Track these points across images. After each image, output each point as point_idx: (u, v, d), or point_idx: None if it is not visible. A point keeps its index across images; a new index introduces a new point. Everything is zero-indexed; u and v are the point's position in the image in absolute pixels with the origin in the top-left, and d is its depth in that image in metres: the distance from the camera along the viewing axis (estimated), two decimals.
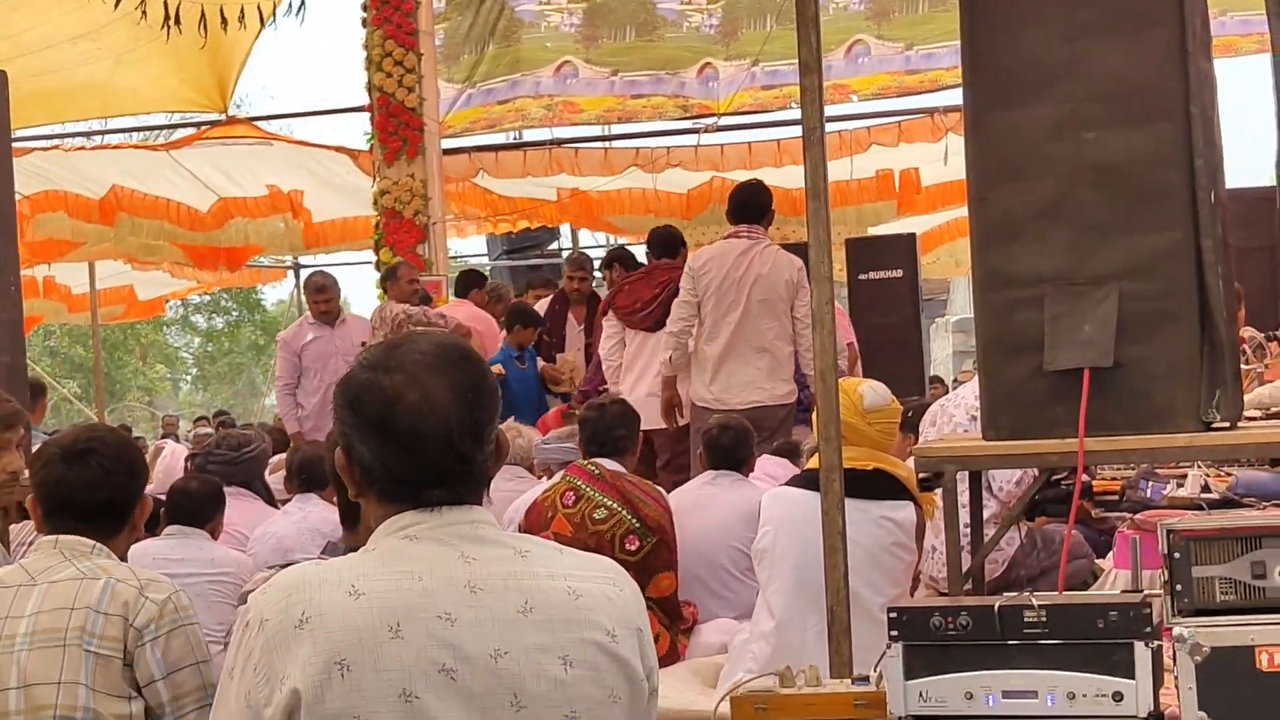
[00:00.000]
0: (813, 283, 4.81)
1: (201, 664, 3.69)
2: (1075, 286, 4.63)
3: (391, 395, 2.42)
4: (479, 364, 2.51)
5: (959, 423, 6.72)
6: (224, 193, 15.80)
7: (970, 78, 4.85)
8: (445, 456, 2.42)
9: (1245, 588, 3.78)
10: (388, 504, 2.46)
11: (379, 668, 2.28)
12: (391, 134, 13.03)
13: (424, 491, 2.44)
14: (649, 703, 2.50)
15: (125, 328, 35.51)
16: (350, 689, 2.27)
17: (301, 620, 2.30)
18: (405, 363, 2.45)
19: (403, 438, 2.42)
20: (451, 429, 2.42)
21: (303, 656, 2.28)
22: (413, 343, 2.52)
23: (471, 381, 2.46)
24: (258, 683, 2.29)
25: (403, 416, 2.42)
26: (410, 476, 2.43)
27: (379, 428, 2.43)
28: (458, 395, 2.43)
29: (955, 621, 3.85)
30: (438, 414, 2.42)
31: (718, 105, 14.11)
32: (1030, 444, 4.68)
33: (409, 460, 2.43)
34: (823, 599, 4.83)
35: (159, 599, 3.68)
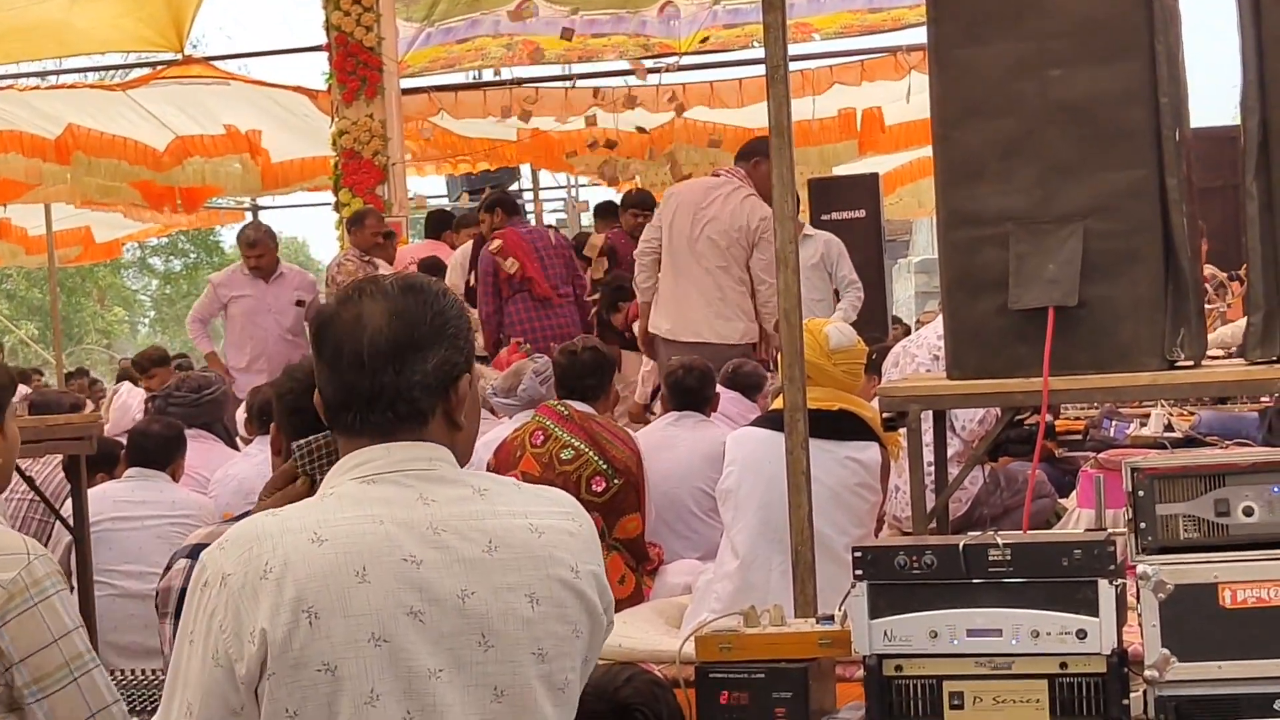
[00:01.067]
0: (776, 222, 4.78)
1: (62, 639, 3.34)
2: (1040, 225, 4.61)
3: (329, 316, 2.45)
4: (427, 292, 2.47)
5: (921, 363, 6.73)
6: (181, 132, 15.66)
7: (934, 14, 4.81)
8: (353, 376, 2.41)
9: (1209, 525, 3.79)
10: (339, 435, 2.47)
11: (347, 613, 2.27)
12: (350, 74, 12.92)
13: (341, 414, 2.43)
14: (606, 632, 2.53)
15: (83, 270, 35.26)
16: (319, 635, 2.26)
17: (266, 570, 2.28)
18: (364, 288, 2.46)
19: (327, 356, 2.43)
20: (363, 348, 2.40)
21: (269, 606, 2.26)
22: (385, 276, 2.53)
23: (406, 306, 2.43)
24: (225, 639, 2.27)
25: (329, 333, 2.44)
26: (331, 397, 2.44)
27: (317, 348, 2.46)
28: (394, 319, 2.42)
29: (920, 560, 3.85)
30: (359, 333, 2.41)
31: (679, 44, 14.04)
32: (994, 383, 4.67)
33: (329, 379, 2.44)
34: (787, 539, 4.83)
35: (6, 578, 3.32)
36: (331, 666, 2.26)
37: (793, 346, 4.77)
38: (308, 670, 2.25)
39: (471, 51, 14.24)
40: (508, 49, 14.16)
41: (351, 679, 2.26)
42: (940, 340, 5.82)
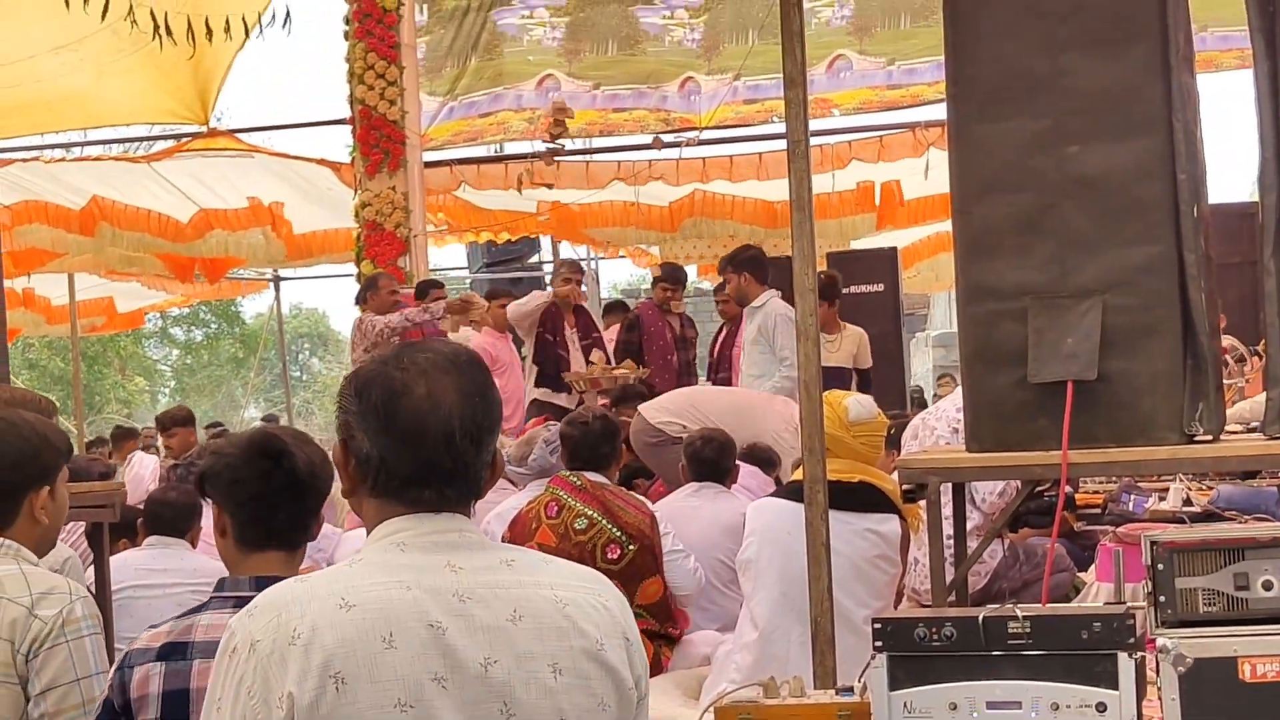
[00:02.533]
0: (797, 295, 4.82)
1: (83, 680, 3.48)
2: (1058, 299, 4.64)
3: (399, 387, 2.44)
4: (486, 371, 2.53)
5: (940, 435, 6.74)
6: (204, 204, 15.76)
7: (953, 90, 4.86)
8: (443, 455, 2.43)
9: (1228, 599, 3.79)
10: (379, 501, 2.47)
11: (374, 679, 2.28)
12: (373, 146, 13.02)
13: (415, 489, 2.44)
14: (638, 709, 2.51)
15: (104, 340, 35.39)
16: (346, 701, 2.27)
17: (294, 637, 2.29)
18: (418, 360, 2.47)
19: (403, 430, 2.43)
20: (454, 428, 2.43)
21: (297, 672, 2.27)
22: (424, 345, 2.55)
23: (478, 387, 2.48)
24: (253, 705, 2.28)
25: (406, 408, 2.43)
26: (406, 472, 2.44)
27: (383, 417, 2.44)
28: (463, 397, 2.45)
29: (940, 632, 3.85)
30: (442, 410, 2.43)
31: (699, 119, 14.12)
32: (1014, 456, 4.69)
33: (407, 454, 2.43)
34: (806, 610, 4.84)
35: (48, 615, 3.49)
36: None
37: (813, 418, 4.79)
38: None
39: (494, 125, 14.34)
40: (529, 123, 14.27)
41: None
42: (959, 413, 5.83)
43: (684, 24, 14.06)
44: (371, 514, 2.48)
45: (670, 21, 14.09)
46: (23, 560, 3.67)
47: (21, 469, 3.74)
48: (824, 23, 13.43)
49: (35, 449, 3.78)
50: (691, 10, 14.02)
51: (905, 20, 13.42)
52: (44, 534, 3.82)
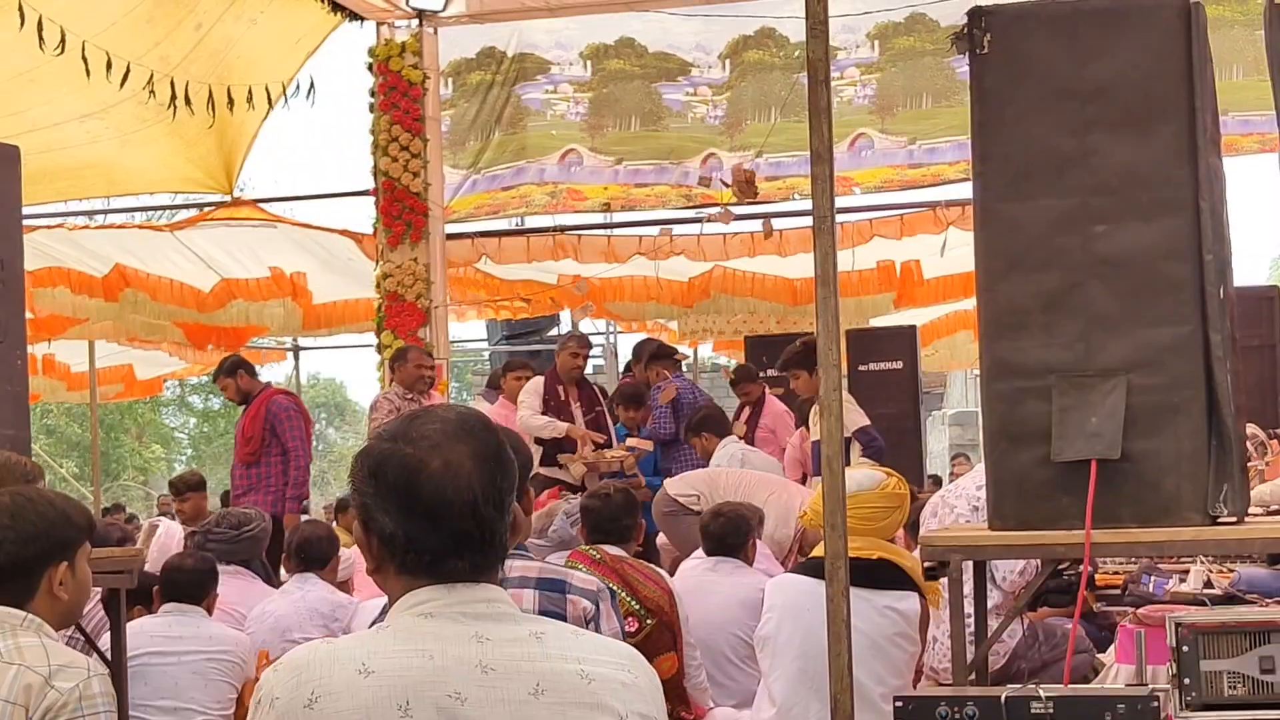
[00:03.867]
0: (821, 369, 4.82)
1: None
2: (1083, 378, 4.64)
3: (414, 463, 2.41)
4: (497, 433, 2.50)
5: (960, 513, 6.71)
6: (227, 273, 15.83)
7: (980, 168, 4.88)
8: (469, 524, 2.40)
9: (1254, 683, 3.78)
10: (406, 577, 2.43)
11: None
12: (396, 218, 13.09)
13: (445, 562, 2.41)
14: None
15: (122, 407, 35.47)
16: None
17: (311, 700, 2.28)
18: (427, 432, 2.43)
19: (426, 506, 2.40)
20: (476, 496, 2.40)
21: None
22: (431, 413, 2.51)
23: (492, 450, 2.45)
24: None
25: (426, 484, 2.40)
26: (433, 546, 2.41)
27: (402, 496, 2.41)
28: (480, 463, 2.42)
29: (962, 711, 3.84)
30: (461, 481, 2.40)
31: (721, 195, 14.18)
32: (1036, 535, 4.68)
33: (432, 529, 2.40)
34: (824, 687, 4.81)
35: (65, 687, 3.51)
36: None
37: (835, 494, 4.78)
38: None
39: (516, 199, 14.41)
40: (551, 196, 14.33)
41: None
42: (980, 490, 5.82)
43: (707, 101, 14.13)
44: (398, 588, 2.45)
45: (693, 98, 14.16)
46: (44, 634, 3.68)
47: (38, 544, 3.76)
48: (846, 101, 13.49)
49: (52, 524, 3.80)
50: (714, 88, 14.09)
51: (927, 100, 13.48)
52: (66, 609, 3.85)
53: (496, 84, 14.18)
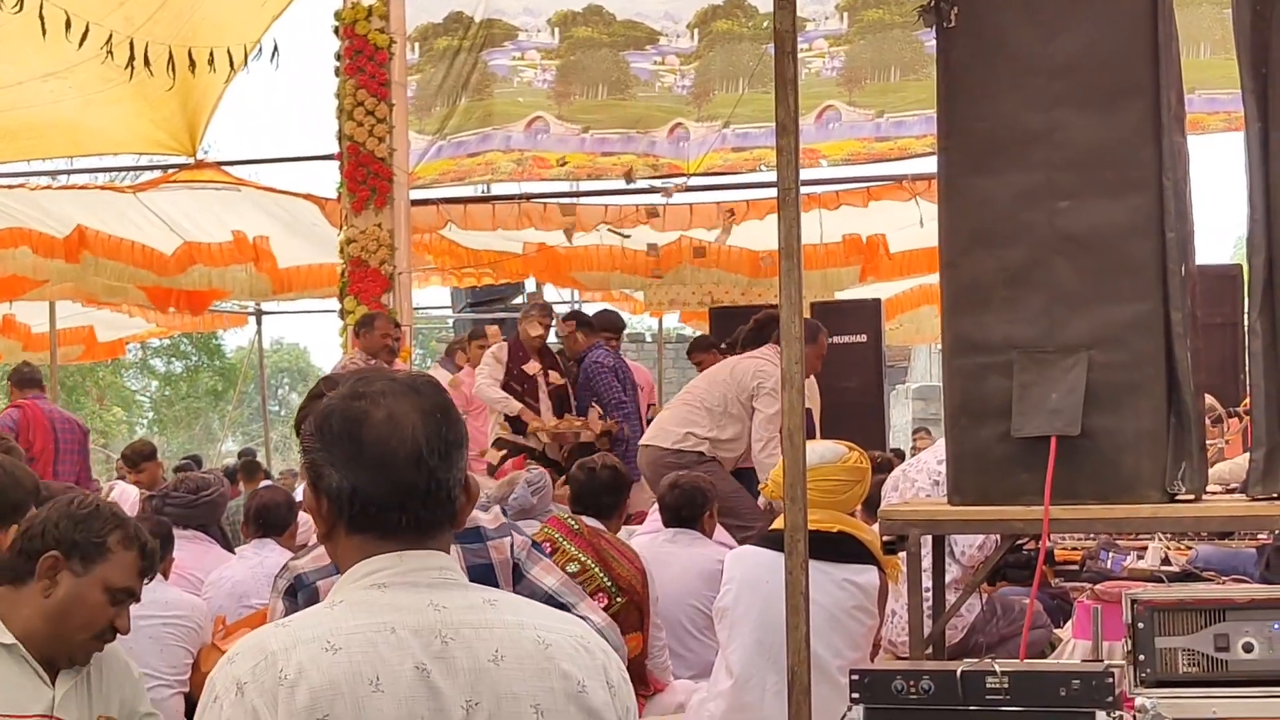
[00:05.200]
0: (784, 343, 4.80)
1: None
2: (1044, 354, 4.64)
3: (359, 414, 2.41)
4: (444, 392, 2.51)
5: (921, 487, 6.73)
6: (189, 236, 15.73)
7: (945, 143, 4.87)
8: (414, 475, 2.40)
9: (1208, 660, 3.79)
10: (357, 538, 2.43)
11: None
12: (360, 183, 13.00)
13: (391, 514, 2.40)
14: None
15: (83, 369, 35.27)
16: None
17: (282, 678, 2.26)
18: (373, 388, 2.45)
19: (371, 456, 2.40)
20: (421, 446, 2.40)
21: (285, 713, 2.24)
22: (377, 373, 2.53)
23: (437, 405, 2.46)
24: None
25: (370, 433, 2.40)
26: (379, 498, 2.40)
27: (347, 447, 2.41)
28: (425, 416, 2.43)
29: (917, 685, 3.84)
30: (405, 431, 2.40)
31: (687, 165, 14.15)
32: (995, 510, 4.68)
33: (378, 479, 2.40)
34: (782, 659, 4.81)
35: None
36: None
37: (795, 466, 4.77)
38: None
39: (481, 165, 14.35)
40: (518, 164, 14.28)
41: None
42: (940, 465, 5.83)
43: (675, 70, 14.09)
44: (350, 553, 2.44)
45: (661, 67, 14.12)
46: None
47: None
48: (814, 73, 13.46)
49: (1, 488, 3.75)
50: (683, 57, 14.06)
51: (895, 73, 13.47)
52: None
53: (463, 50, 14.12)
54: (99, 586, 3.77)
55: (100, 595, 3.77)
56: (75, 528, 3.77)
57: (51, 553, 3.74)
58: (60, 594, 3.74)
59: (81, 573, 3.76)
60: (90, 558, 3.76)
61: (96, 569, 3.77)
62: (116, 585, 3.79)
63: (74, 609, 3.76)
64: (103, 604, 3.78)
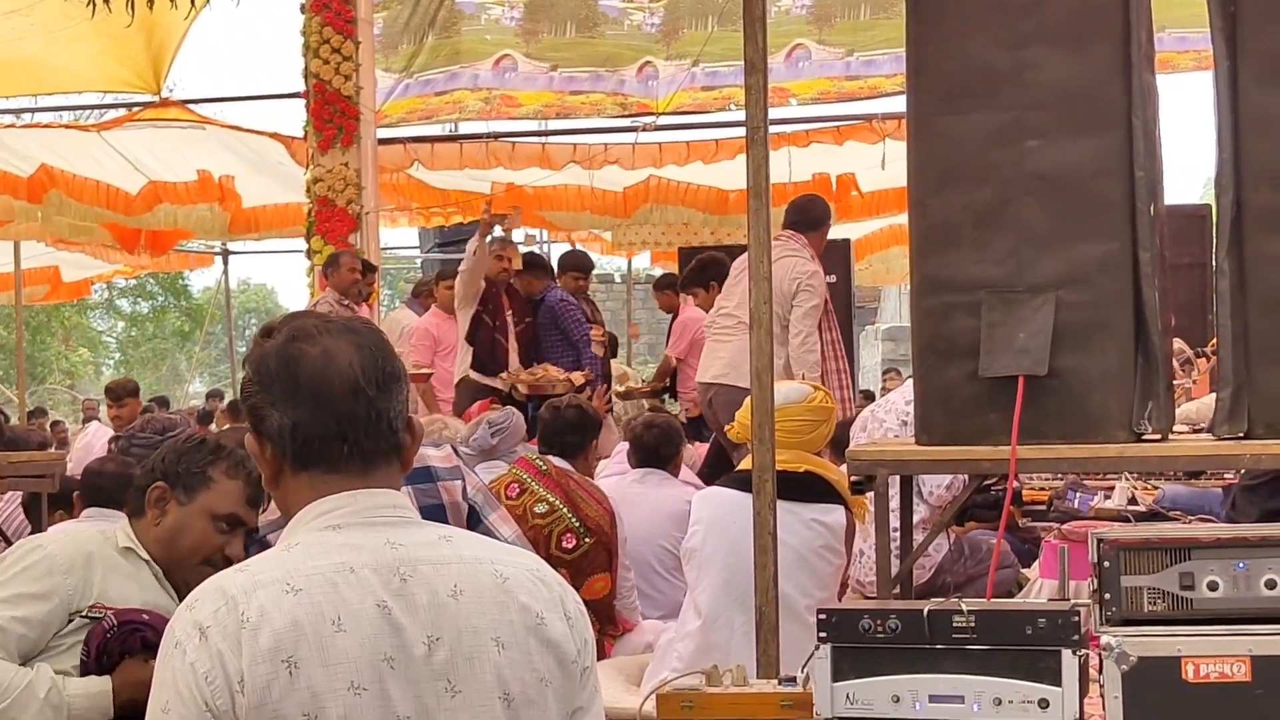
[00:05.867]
0: (752, 282, 4.79)
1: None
2: (1012, 294, 4.64)
3: (295, 351, 2.43)
4: (381, 334, 2.53)
5: (889, 428, 6.73)
6: (154, 176, 15.62)
7: (914, 82, 4.85)
8: (352, 404, 2.41)
9: (1173, 598, 3.80)
10: (303, 476, 2.43)
11: (326, 662, 2.25)
12: (327, 121, 12.90)
13: (334, 446, 2.41)
14: (583, 680, 2.49)
15: (49, 309, 35.10)
16: (299, 685, 2.24)
17: (244, 621, 2.26)
18: (305, 327, 2.46)
19: (309, 389, 2.41)
20: (357, 375, 2.41)
21: (249, 656, 2.23)
22: (311, 314, 2.55)
23: (372, 341, 2.47)
24: (214, 690, 2.23)
25: (306, 367, 2.41)
26: (320, 431, 2.41)
27: (284, 384, 2.42)
28: (360, 349, 2.44)
29: (884, 624, 3.85)
30: (341, 362, 2.42)
31: (657, 104, 14.09)
32: (963, 450, 4.69)
33: (317, 412, 2.41)
34: (750, 599, 4.82)
35: None
36: (312, 715, 2.24)
37: (763, 406, 4.77)
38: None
39: (449, 104, 14.26)
40: (485, 102, 14.20)
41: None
42: (909, 405, 5.83)
43: (643, 8, 14.02)
44: (299, 494, 2.44)
45: (629, 5, 14.04)
46: None
47: None
48: (784, 11, 13.41)
49: None
50: None
51: (865, 11, 13.42)
52: None
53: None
54: (204, 514, 3.97)
55: (205, 522, 3.97)
56: (180, 460, 4.00)
57: (158, 484, 3.98)
58: (168, 522, 3.97)
59: (186, 501, 3.97)
60: (193, 487, 3.97)
61: (199, 497, 3.97)
62: (221, 512, 3.98)
63: (181, 536, 3.97)
64: (209, 531, 3.98)
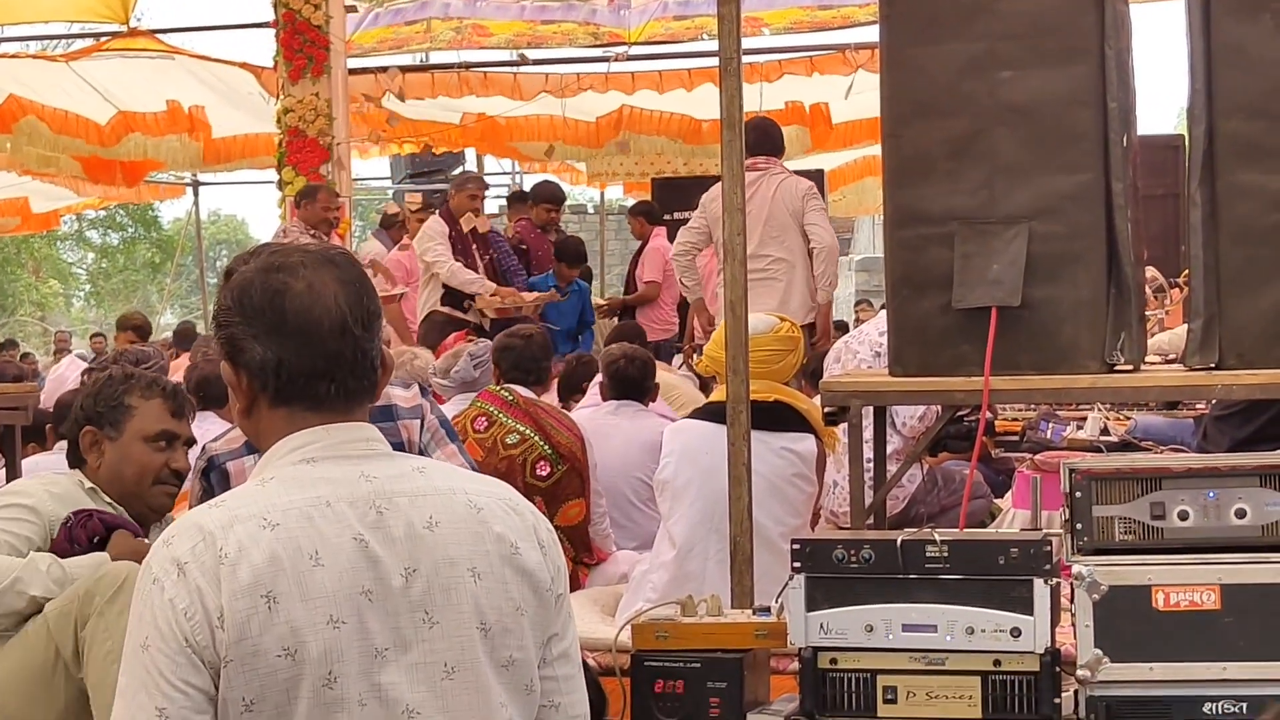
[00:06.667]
0: (725, 214, 4.79)
1: None
2: (985, 225, 4.64)
3: (280, 285, 2.40)
4: (358, 264, 2.52)
5: (862, 359, 6.75)
6: (124, 106, 15.50)
7: (886, 12, 4.83)
8: (339, 343, 2.40)
9: (1144, 528, 3.83)
10: (282, 410, 2.42)
11: (305, 596, 2.26)
12: (296, 51, 12.79)
13: (318, 384, 2.40)
14: (558, 607, 2.50)
15: (18, 241, 34.91)
16: (279, 620, 2.24)
17: (222, 557, 2.25)
18: (289, 258, 2.44)
19: (296, 325, 2.39)
20: (345, 314, 2.40)
21: (229, 591, 2.23)
22: (291, 245, 2.53)
23: (354, 275, 2.46)
24: (193, 626, 2.22)
25: (293, 303, 2.39)
26: (306, 368, 2.40)
27: (270, 318, 2.39)
28: (344, 285, 2.43)
29: (858, 555, 3.88)
30: (328, 300, 2.40)
31: (629, 34, 14.01)
32: (936, 380, 4.71)
33: (304, 348, 2.39)
34: (724, 528, 4.84)
35: None
36: (291, 650, 2.24)
37: (736, 338, 4.78)
38: (267, 657, 2.23)
39: (420, 33, 14.16)
40: (456, 32, 14.10)
41: (311, 662, 2.24)
42: (882, 337, 5.84)
43: None
44: (274, 428, 2.44)
45: None
46: None
47: None
48: None
49: None
50: None
51: None
52: None
53: None
54: (137, 440, 4.14)
55: (141, 447, 4.14)
56: (96, 400, 4.17)
57: (86, 429, 4.16)
58: (108, 460, 4.14)
59: (116, 436, 4.14)
60: (117, 420, 4.15)
61: (126, 427, 4.15)
62: (151, 433, 4.16)
63: (124, 468, 4.14)
64: (147, 453, 4.15)
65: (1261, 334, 4.55)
